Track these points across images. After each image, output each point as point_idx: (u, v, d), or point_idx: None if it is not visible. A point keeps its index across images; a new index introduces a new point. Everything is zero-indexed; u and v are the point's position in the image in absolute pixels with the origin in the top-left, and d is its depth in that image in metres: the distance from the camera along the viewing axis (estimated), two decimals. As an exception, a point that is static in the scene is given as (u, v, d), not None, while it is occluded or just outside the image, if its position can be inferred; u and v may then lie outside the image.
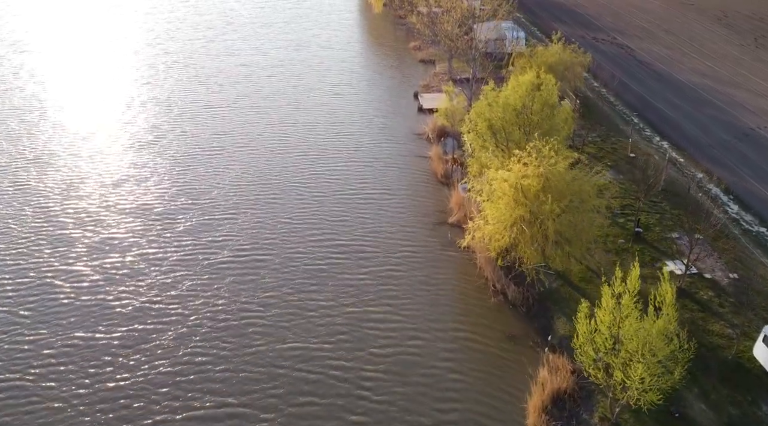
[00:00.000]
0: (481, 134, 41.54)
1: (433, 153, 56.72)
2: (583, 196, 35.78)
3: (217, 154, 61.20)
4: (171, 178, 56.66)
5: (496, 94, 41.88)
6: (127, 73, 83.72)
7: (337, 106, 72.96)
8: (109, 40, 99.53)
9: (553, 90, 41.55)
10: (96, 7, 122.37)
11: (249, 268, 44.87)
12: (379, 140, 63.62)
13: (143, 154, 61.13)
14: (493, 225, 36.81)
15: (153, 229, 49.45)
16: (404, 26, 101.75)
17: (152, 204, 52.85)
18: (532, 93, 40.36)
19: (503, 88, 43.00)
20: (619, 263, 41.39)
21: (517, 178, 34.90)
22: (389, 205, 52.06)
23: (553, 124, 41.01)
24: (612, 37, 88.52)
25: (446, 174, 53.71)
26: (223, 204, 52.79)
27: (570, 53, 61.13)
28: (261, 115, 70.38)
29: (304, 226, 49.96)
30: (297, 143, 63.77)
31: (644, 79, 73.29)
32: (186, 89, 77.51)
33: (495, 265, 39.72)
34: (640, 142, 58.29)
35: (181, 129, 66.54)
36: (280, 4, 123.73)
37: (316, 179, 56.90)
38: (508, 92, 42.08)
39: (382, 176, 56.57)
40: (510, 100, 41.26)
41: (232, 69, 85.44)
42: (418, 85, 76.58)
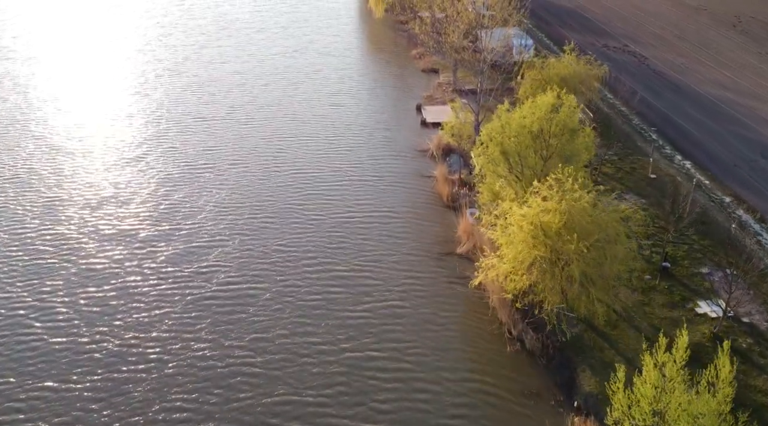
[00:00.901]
0: (493, 159, 37.55)
1: (438, 173, 52.73)
2: (609, 233, 31.82)
3: (207, 171, 57.15)
4: (156, 200, 52.63)
5: (510, 115, 37.86)
6: (115, 83, 79.66)
7: (335, 118, 69.00)
8: (99, 46, 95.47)
9: (574, 112, 37.58)
10: (88, 10, 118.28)
11: (237, 304, 40.87)
12: (381, 157, 59.62)
13: (127, 172, 57.09)
14: (509, 264, 32.85)
15: (134, 258, 45.42)
16: (405, 33, 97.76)
17: (135, 229, 48.84)
18: (551, 115, 36.38)
19: (518, 108, 38.99)
20: (646, 303, 37.75)
21: (537, 214, 30.95)
22: (391, 231, 48.08)
23: (573, 149, 37.03)
24: (623, 45, 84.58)
25: (453, 197, 49.68)
26: (211, 229, 48.80)
27: (584, 65, 57.18)
28: (255, 128, 66.40)
29: (299, 253, 46.00)
30: (293, 159, 59.78)
31: (660, 90, 69.34)
32: (176, 100, 73.48)
33: (510, 307, 35.70)
34: (660, 161, 54.32)
35: (170, 143, 62.51)
36: (277, 7, 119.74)
37: (312, 200, 52.93)
38: (523, 113, 38.09)
39: (384, 198, 52.58)
40: (525, 121, 37.26)
41: (225, 77, 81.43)
42: (421, 97, 72.56)
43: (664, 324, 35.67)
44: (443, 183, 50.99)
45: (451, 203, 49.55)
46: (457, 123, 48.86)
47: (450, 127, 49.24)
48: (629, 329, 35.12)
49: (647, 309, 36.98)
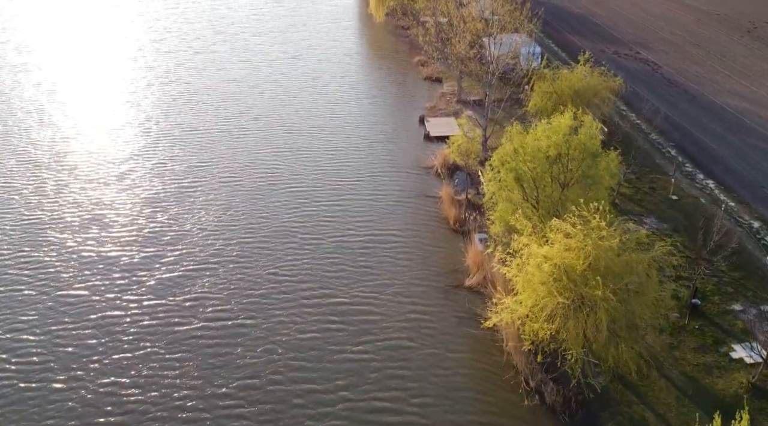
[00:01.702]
0: (506, 185, 34.06)
1: (444, 193, 49.20)
2: (640, 276, 28.35)
3: (196, 190, 53.61)
4: (139, 222, 49.07)
5: (524, 138, 34.34)
6: (102, 93, 76.04)
7: (334, 129, 65.48)
8: (89, 52, 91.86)
9: (596, 135, 34.09)
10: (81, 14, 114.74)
11: (225, 342, 37.36)
12: (382, 173, 56.05)
13: (111, 190, 53.53)
14: (526, 308, 29.37)
15: (114, 289, 41.89)
16: (407, 38, 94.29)
17: (116, 255, 45.31)
18: (570, 138, 32.90)
19: (532, 129, 35.49)
20: (676, 347, 34.29)
21: (560, 256, 27.47)
22: (394, 257, 44.56)
23: (594, 175, 33.54)
24: (635, 52, 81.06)
25: (460, 220, 46.15)
26: (198, 255, 45.27)
27: (597, 76, 53.68)
28: (249, 141, 62.89)
29: (294, 282, 42.51)
30: (288, 175, 56.25)
31: (676, 101, 65.84)
32: (166, 111, 69.93)
33: (528, 354, 32.19)
34: (681, 179, 50.83)
35: (157, 159, 58.96)
36: (275, 11, 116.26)
37: (309, 220, 49.44)
38: (538, 135, 34.61)
39: (385, 220, 49.05)
40: (541, 144, 33.76)
41: (219, 85, 77.91)
42: (424, 108, 69.08)
43: (697, 372, 32.27)
44: (449, 204, 47.47)
45: (458, 227, 46.00)
46: (464, 141, 45.30)
47: (457, 145, 45.72)
48: (659, 379, 31.66)
49: (677, 353, 33.52)
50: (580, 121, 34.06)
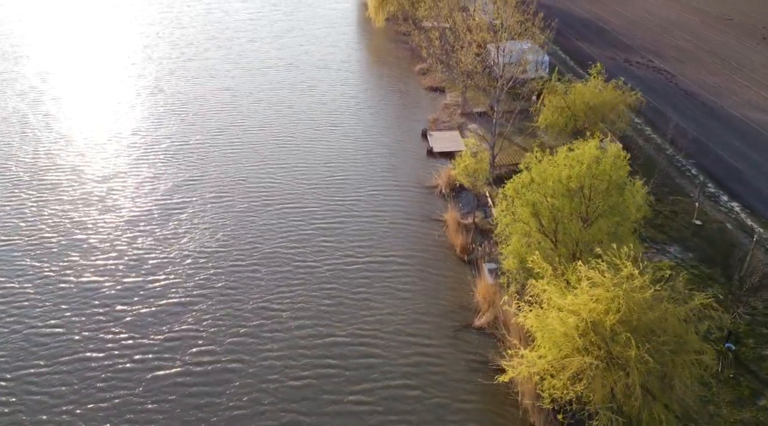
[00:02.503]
0: (522, 219, 30.54)
1: (449, 217, 45.63)
2: (678, 331, 24.85)
3: (184, 210, 50.02)
4: (121, 248, 45.45)
5: (542, 167, 30.78)
6: (89, 104, 72.38)
7: (332, 143, 61.93)
8: (75, 60, 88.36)
9: (622, 164, 30.56)
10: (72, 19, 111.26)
11: (209, 387, 33.84)
12: (383, 193, 52.45)
13: (93, 211, 49.93)
14: (546, 363, 25.86)
15: (91, 324, 38.29)
16: (408, 45, 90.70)
17: (94, 285, 41.66)
18: (593, 167, 29.36)
19: (550, 156, 31.94)
20: (710, 399, 30.73)
21: (587, 309, 23.97)
22: (395, 289, 40.96)
23: (621, 210, 30.01)
24: (647, 60, 77.56)
25: (467, 248, 42.57)
26: (183, 284, 41.70)
27: (612, 89, 50.14)
28: (241, 155, 59.32)
29: (288, 315, 39.00)
30: (282, 194, 52.71)
31: (694, 114, 62.30)
32: (155, 122, 66.35)
33: (547, 413, 28.66)
34: (704, 201, 47.26)
35: (143, 176, 55.41)
36: (271, 15, 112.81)
37: (305, 244, 45.88)
38: (559, 161, 31.09)
39: (387, 245, 45.41)
40: (561, 174, 30.21)
41: (211, 94, 74.39)
42: (426, 120, 65.55)
43: (737, 432, 28.77)
44: (455, 230, 43.90)
45: (465, 255, 42.42)
46: (470, 162, 41.76)
47: (463, 166, 42.17)
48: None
49: (712, 408, 30.02)
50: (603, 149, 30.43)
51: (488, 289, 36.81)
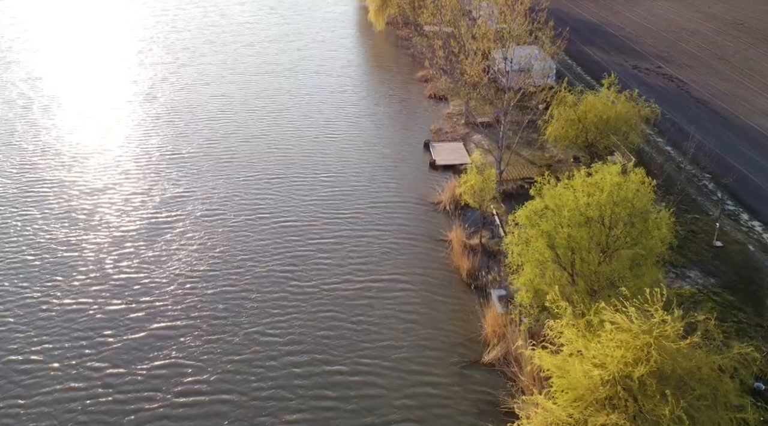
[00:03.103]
0: (537, 251, 27.95)
1: (454, 236, 43.01)
2: (714, 383, 22.27)
3: (172, 228, 47.38)
4: (106, 269, 42.77)
5: (559, 194, 28.17)
6: (78, 112, 69.69)
7: (331, 154, 59.34)
8: (68, 66, 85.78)
9: (647, 191, 27.95)
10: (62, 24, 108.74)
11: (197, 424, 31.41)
12: (383, 209, 49.80)
13: (78, 229, 47.29)
14: (566, 415, 23.28)
15: (73, 353, 35.77)
16: (409, 51, 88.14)
17: (78, 309, 39.13)
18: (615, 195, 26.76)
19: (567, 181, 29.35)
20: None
21: (616, 363, 21.39)
22: (398, 317, 38.24)
23: (645, 242, 27.39)
24: (657, 66, 74.95)
25: (473, 272, 39.92)
26: (171, 309, 39.13)
27: (626, 102, 47.51)
28: (235, 167, 56.72)
29: (282, 344, 36.45)
30: (278, 209, 50.17)
31: (707, 124, 59.69)
32: (146, 132, 63.71)
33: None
34: (723, 219, 44.67)
35: (132, 189, 52.78)
36: (269, 19, 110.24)
37: (301, 265, 43.33)
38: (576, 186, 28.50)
39: (387, 268, 42.73)
40: (579, 203, 27.57)
41: (206, 102, 71.81)
42: (429, 130, 62.94)
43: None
44: (461, 251, 41.26)
45: (471, 280, 39.79)
46: (477, 181, 39.14)
47: (469, 185, 39.56)
48: None
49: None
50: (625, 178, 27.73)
51: (498, 320, 34.20)
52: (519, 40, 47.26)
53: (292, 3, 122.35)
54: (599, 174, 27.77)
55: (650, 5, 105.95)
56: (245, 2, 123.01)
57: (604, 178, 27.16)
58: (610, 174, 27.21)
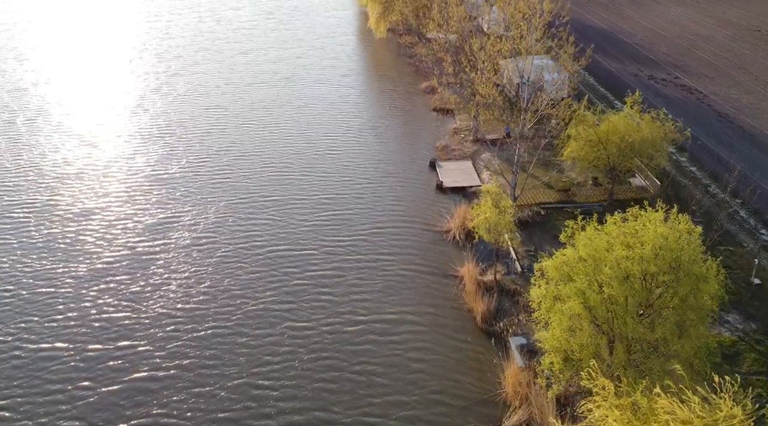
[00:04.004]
0: (570, 310, 24.14)
1: (466, 272, 39.17)
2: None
3: (156, 258, 43.56)
4: (83, 309, 38.93)
5: (595, 245, 24.29)
6: (66, 127, 65.89)
7: (330, 173, 55.59)
8: (56, 76, 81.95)
9: (695, 243, 24.16)
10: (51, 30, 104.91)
11: None
12: (387, 240, 45.79)
13: (54, 262, 43.43)
14: None
15: (42, 408, 32.01)
16: (412, 59, 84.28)
17: (51, 355, 35.40)
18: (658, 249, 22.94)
19: (601, 228, 25.53)
20: None
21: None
22: (404, 366, 34.38)
23: (693, 303, 23.59)
24: (674, 77, 71.13)
25: (489, 315, 36.03)
26: (153, 356, 35.35)
27: (651, 122, 43.68)
28: (227, 188, 52.91)
29: (276, 397, 32.76)
30: (274, 235, 46.49)
31: (730, 139, 55.87)
32: (133, 150, 59.82)
33: None
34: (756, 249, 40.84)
35: (116, 215, 48.91)
36: (266, 24, 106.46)
37: (296, 300, 39.67)
38: (611, 234, 24.71)
39: (392, 306, 38.85)
40: (618, 256, 23.67)
41: (198, 115, 68.02)
42: (434, 147, 59.10)
43: None
44: (474, 290, 37.40)
45: (487, 326, 35.87)
46: (492, 214, 35.31)
47: (485, 219, 35.67)
48: None
49: None
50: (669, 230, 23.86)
51: (519, 376, 30.38)
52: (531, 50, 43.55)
53: (291, 7, 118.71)
54: (639, 221, 23.96)
55: (661, 10, 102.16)
56: (242, 7, 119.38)
57: (644, 226, 23.31)
58: (652, 223, 23.40)
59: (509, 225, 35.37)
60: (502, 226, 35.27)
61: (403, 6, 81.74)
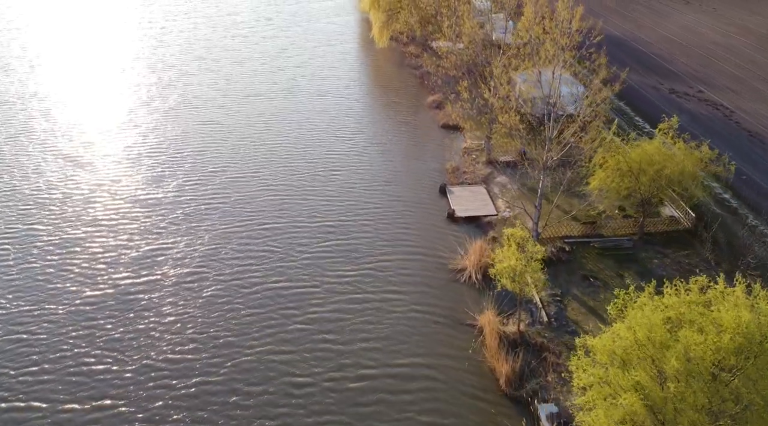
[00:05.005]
0: (623, 407, 19.96)
1: (485, 320, 34.99)
2: None
3: (137, 299, 39.31)
4: (52, 369, 34.58)
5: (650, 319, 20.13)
6: (48, 145, 61.63)
7: (332, 197, 51.47)
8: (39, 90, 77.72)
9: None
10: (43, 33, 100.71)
11: None
12: (393, 277, 41.46)
13: (24, 314, 39.01)
14: None
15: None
16: (417, 71, 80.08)
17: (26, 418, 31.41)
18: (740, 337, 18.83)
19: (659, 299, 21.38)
20: None
21: None
22: (417, 434, 30.48)
23: None
24: (697, 90, 66.99)
25: (514, 377, 31.74)
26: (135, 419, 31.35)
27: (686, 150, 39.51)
28: (219, 217, 48.56)
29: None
30: (270, 270, 42.46)
31: (765, 163, 51.75)
32: (120, 171, 55.48)
33: None
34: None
35: (96, 249, 44.56)
36: (264, 32, 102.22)
37: (297, 348, 35.57)
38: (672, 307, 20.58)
39: (403, 360, 34.50)
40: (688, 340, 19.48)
41: (191, 132, 63.75)
42: (444, 169, 54.96)
43: None
44: (495, 344, 33.13)
45: (512, 389, 31.59)
46: (518, 262, 31.12)
47: (509, 267, 31.46)
48: None
49: None
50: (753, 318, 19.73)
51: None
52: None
53: (291, 13, 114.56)
54: (721, 303, 19.79)
55: (677, 17, 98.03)
56: (240, 13, 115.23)
57: (730, 317, 19.04)
58: (733, 308, 19.22)
59: (538, 273, 31.20)
60: (529, 275, 31.10)
61: (409, 16, 77.57)
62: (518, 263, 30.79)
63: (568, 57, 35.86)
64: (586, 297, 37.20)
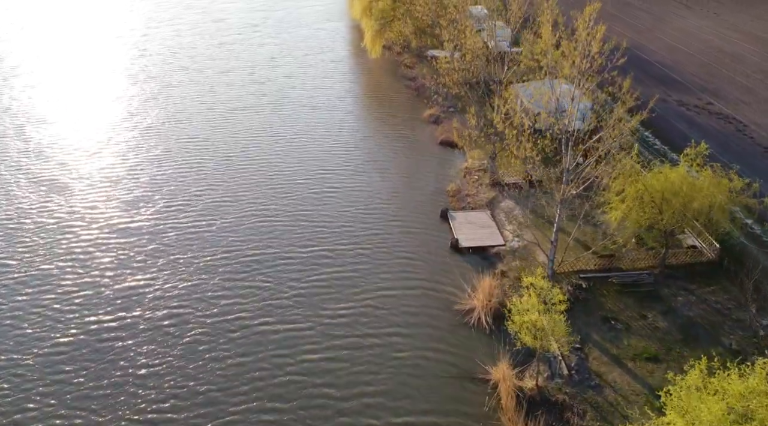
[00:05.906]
0: None
1: (499, 374, 31.42)
2: None
3: (110, 351, 35.48)
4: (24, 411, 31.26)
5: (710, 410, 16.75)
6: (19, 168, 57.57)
7: (326, 221, 47.90)
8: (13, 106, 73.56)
9: None
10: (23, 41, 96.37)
11: None
12: (395, 312, 38.14)
13: None
14: None
15: None
16: (412, 81, 76.53)
17: None
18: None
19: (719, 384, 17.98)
20: None
21: None
22: None
23: None
24: (706, 102, 63.80)
25: (533, 442, 28.35)
26: None
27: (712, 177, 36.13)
28: (203, 246, 44.77)
29: None
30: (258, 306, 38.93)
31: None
32: (96, 196, 51.39)
33: None
34: None
35: (69, 286, 40.76)
36: (252, 38, 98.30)
37: (287, 404, 31.93)
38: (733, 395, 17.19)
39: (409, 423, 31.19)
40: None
41: (173, 150, 59.82)
42: (444, 190, 51.43)
43: None
44: (513, 408, 29.53)
45: (531, 457, 28.23)
46: (541, 320, 27.45)
47: (530, 323, 27.86)
48: None
49: None
50: None
51: None
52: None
53: (278, 19, 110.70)
54: None
55: (680, 23, 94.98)
56: (225, 18, 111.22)
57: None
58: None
59: (563, 329, 27.63)
60: (555, 331, 27.54)
61: (403, 26, 73.93)
62: (540, 319, 27.20)
63: (590, 83, 32.44)
64: (608, 343, 33.76)
